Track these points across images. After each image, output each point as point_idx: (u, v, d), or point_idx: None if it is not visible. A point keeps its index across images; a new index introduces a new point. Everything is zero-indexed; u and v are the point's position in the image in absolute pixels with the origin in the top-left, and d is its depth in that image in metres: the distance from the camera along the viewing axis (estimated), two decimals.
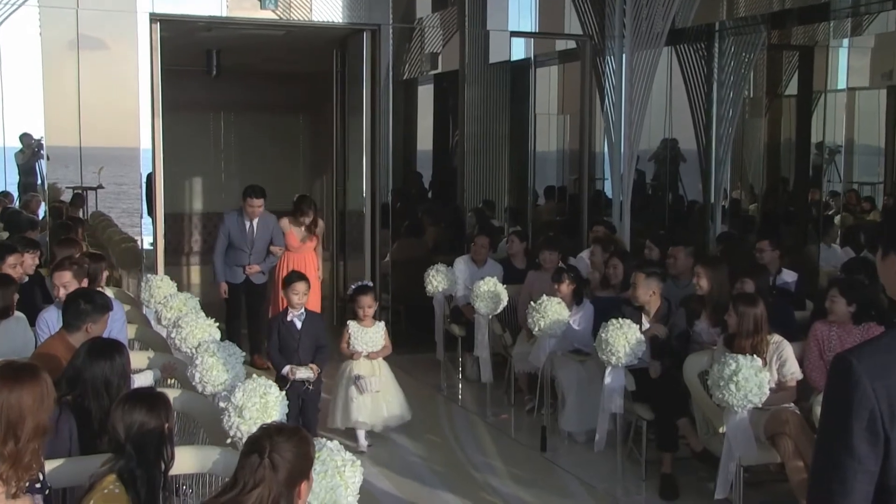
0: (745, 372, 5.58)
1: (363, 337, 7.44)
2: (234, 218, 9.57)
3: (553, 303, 7.30)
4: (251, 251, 9.53)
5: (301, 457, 3.23)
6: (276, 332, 7.20)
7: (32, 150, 10.57)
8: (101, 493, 3.62)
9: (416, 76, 12.58)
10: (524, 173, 12.26)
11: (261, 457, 3.13)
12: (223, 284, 9.57)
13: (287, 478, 3.15)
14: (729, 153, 11.45)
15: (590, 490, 6.58)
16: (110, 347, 4.58)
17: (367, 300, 7.52)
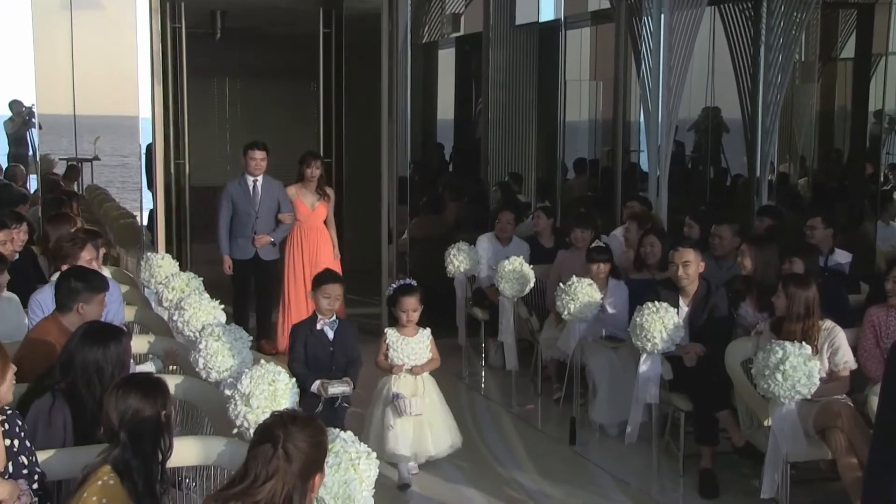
0: (793, 360, 5.56)
1: (405, 348, 6.63)
2: (235, 182, 9.39)
3: (584, 284, 7.28)
4: (257, 214, 9.30)
5: (316, 447, 3.25)
6: (303, 343, 6.42)
7: (23, 118, 10.63)
8: (96, 485, 3.65)
9: (437, 39, 12.59)
10: (553, 145, 12.25)
11: (274, 447, 3.15)
12: (227, 258, 9.36)
13: (302, 469, 3.17)
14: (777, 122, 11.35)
15: (622, 487, 6.59)
16: (106, 333, 4.58)
17: (412, 302, 6.68)
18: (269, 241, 9.37)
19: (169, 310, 6.87)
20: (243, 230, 9.32)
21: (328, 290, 6.45)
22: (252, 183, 9.28)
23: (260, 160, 9.23)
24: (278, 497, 3.10)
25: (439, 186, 12.06)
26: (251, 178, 9.26)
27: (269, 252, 9.48)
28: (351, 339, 6.57)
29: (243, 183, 9.29)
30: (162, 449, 3.83)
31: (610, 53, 12.01)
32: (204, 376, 5.51)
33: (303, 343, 6.41)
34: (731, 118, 12.01)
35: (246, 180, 9.28)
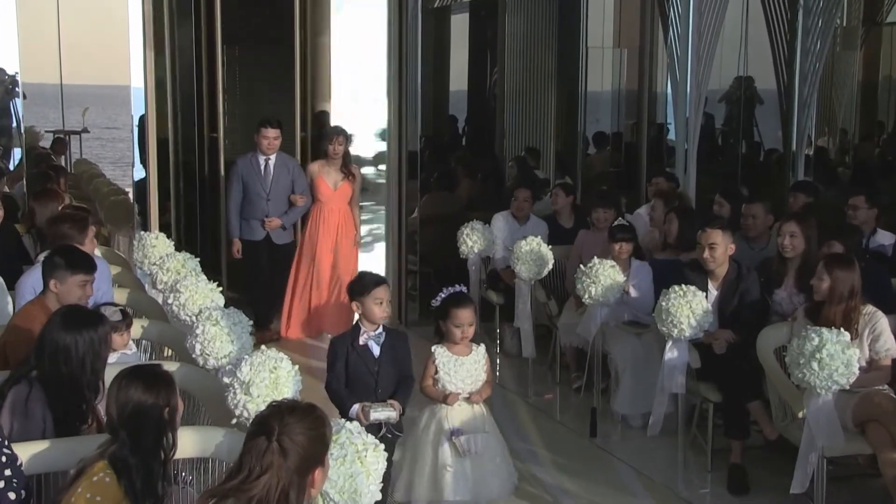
0: (830, 348, 5.55)
1: (459, 370, 5.71)
2: (246, 160, 9.31)
3: (606, 266, 7.28)
4: (269, 195, 9.23)
5: (315, 440, 3.22)
6: (344, 360, 5.58)
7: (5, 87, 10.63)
8: (90, 482, 3.66)
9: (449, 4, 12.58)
10: (573, 117, 12.24)
11: (269, 440, 3.13)
12: (236, 241, 9.33)
13: (299, 464, 3.15)
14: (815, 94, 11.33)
15: (646, 482, 6.61)
16: (81, 318, 4.56)
17: (468, 315, 5.69)
18: (279, 226, 9.30)
19: (163, 293, 6.88)
20: (253, 211, 9.25)
21: (379, 293, 5.61)
22: (264, 162, 9.22)
23: (273, 139, 9.16)
24: (273, 492, 3.08)
25: (452, 162, 12.06)
26: (263, 157, 9.21)
27: (282, 235, 9.42)
28: (402, 354, 5.75)
29: (255, 161, 9.22)
30: (164, 447, 3.81)
31: (635, 19, 12.00)
32: (201, 363, 5.53)
33: (343, 361, 5.57)
34: (765, 89, 12.00)
35: (257, 158, 9.22)
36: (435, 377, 5.71)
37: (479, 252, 9.03)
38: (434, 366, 5.71)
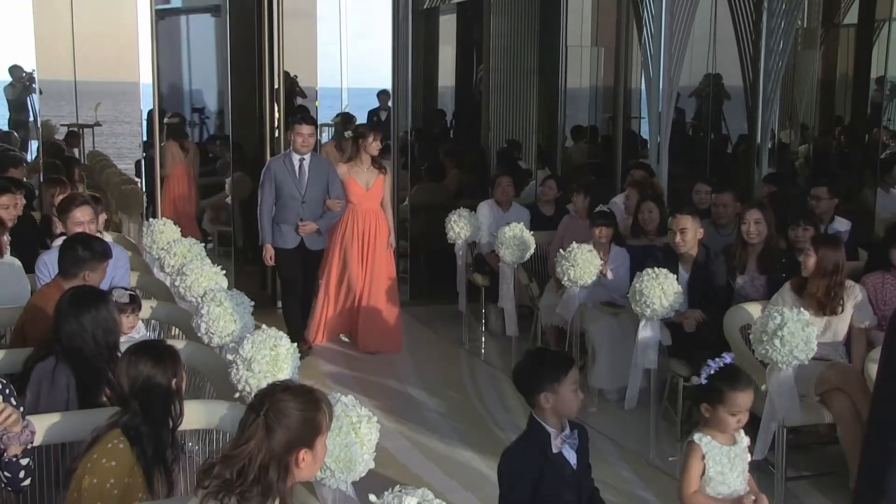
0: (790, 326, 5.57)
1: (735, 467, 4.27)
2: (279, 160, 8.35)
3: (584, 250, 7.29)
4: (303, 197, 8.19)
5: (305, 422, 3.14)
6: (532, 476, 4.07)
7: (23, 84, 10.60)
8: (105, 448, 3.68)
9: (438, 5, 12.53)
10: (554, 111, 12.22)
11: (256, 414, 3.09)
12: (269, 247, 8.33)
13: (283, 441, 3.08)
14: (778, 90, 11.33)
15: (622, 451, 6.64)
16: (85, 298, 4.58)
17: (747, 399, 4.24)
18: (314, 230, 8.29)
19: (171, 275, 6.88)
20: (286, 215, 8.25)
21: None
22: (298, 162, 8.21)
23: (308, 136, 8.17)
24: (254, 464, 3.03)
25: (440, 153, 12.04)
26: (297, 156, 8.21)
27: (317, 241, 8.43)
28: (587, 454, 4.32)
29: (288, 162, 8.23)
30: (172, 416, 3.84)
31: (611, 19, 11.98)
32: (206, 341, 5.53)
33: (532, 477, 4.05)
34: (732, 85, 11.97)
35: (291, 158, 8.23)
36: (703, 475, 4.19)
37: (466, 238, 9.02)
38: (702, 463, 4.17)
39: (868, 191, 10.11)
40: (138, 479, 3.69)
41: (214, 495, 3.04)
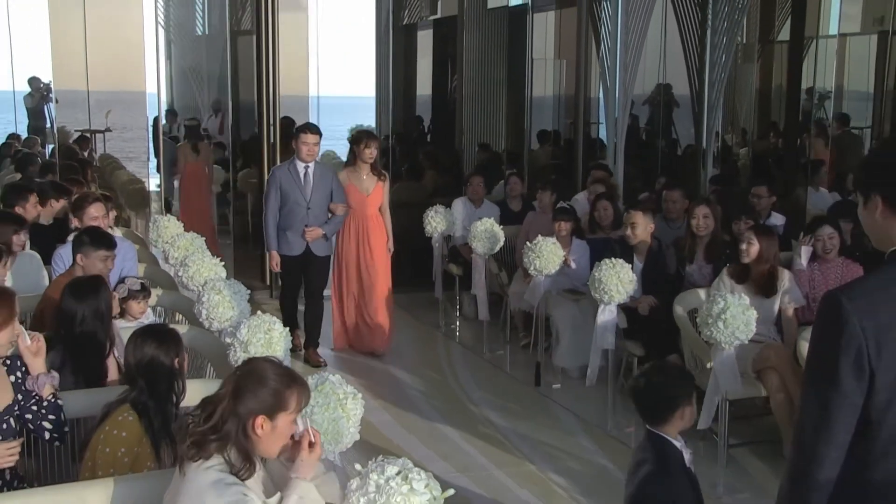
0: (732, 310, 5.60)
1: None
2: (283, 169, 7.73)
3: (548, 243, 7.30)
4: (309, 203, 7.59)
5: (270, 393, 3.03)
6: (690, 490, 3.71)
7: (41, 93, 10.56)
8: (116, 421, 3.70)
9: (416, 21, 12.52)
10: (521, 117, 12.23)
11: (233, 375, 3.08)
12: (275, 254, 7.73)
13: (247, 402, 2.99)
14: (721, 98, 11.37)
15: (582, 423, 6.64)
16: (83, 286, 4.55)
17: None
18: (320, 235, 7.70)
19: (175, 266, 6.87)
20: (292, 222, 7.63)
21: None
22: (303, 169, 7.60)
23: (313, 145, 7.54)
24: (216, 415, 2.96)
25: (419, 155, 12.02)
26: (302, 164, 7.60)
27: (322, 247, 7.80)
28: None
29: (293, 169, 7.61)
30: (175, 392, 3.84)
31: (572, 35, 11.97)
32: (207, 326, 5.51)
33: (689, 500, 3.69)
34: (680, 94, 12.00)
35: (296, 166, 7.61)
36: None
37: (442, 231, 9.01)
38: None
39: (800, 189, 10.17)
40: (147, 448, 3.70)
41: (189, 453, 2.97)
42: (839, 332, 2.43)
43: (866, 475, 2.49)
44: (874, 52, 10.18)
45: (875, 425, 2.45)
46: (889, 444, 2.46)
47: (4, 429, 3.68)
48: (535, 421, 6.67)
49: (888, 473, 2.47)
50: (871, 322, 2.41)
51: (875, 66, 10.16)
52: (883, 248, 2.55)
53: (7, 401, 3.72)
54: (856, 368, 2.41)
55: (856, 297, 2.46)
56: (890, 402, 2.43)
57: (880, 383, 2.41)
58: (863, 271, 6.34)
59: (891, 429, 2.44)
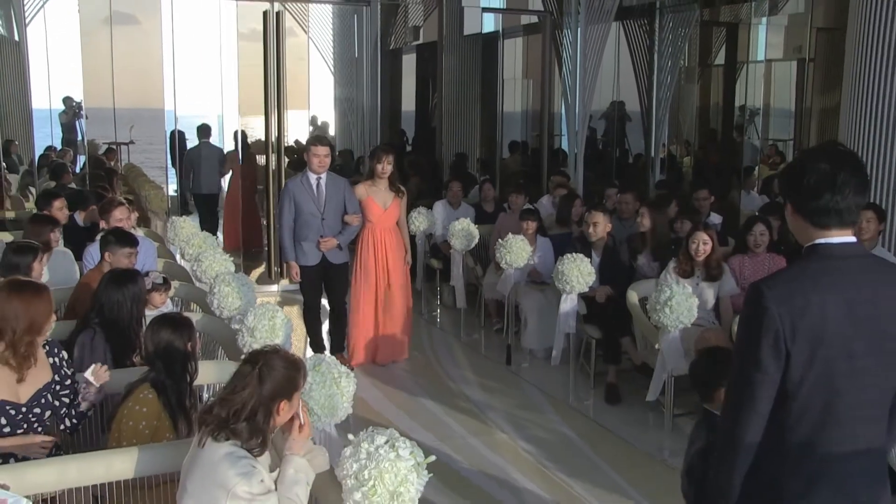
0: (677, 298, 5.63)
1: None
2: (296, 181, 6.95)
3: (517, 240, 7.29)
4: (323, 214, 6.86)
5: (286, 379, 3.10)
6: None
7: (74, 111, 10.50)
8: (137, 398, 3.68)
9: (401, 46, 12.48)
10: (493, 130, 12.23)
11: (252, 367, 3.07)
12: (293, 264, 6.93)
13: (270, 392, 3.06)
14: (667, 114, 11.44)
15: (547, 397, 6.64)
16: (123, 277, 4.51)
17: None
18: (335, 245, 6.95)
19: (190, 262, 6.84)
20: (308, 233, 6.89)
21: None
22: (315, 181, 6.88)
23: (324, 157, 6.84)
24: (247, 408, 3.02)
25: (403, 163, 11.98)
26: (314, 175, 6.88)
27: (338, 255, 7.04)
28: None
29: (306, 181, 6.88)
30: (189, 372, 3.81)
31: (538, 58, 11.97)
32: (218, 314, 5.49)
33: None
34: (632, 110, 12.06)
35: (309, 178, 6.88)
36: None
37: (424, 230, 8.99)
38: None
39: (734, 192, 10.21)
40: (165, 422, 3.68)
41: (212, 432, 3.02)
42: (760, 318, 2.48)
43: (785, 439, 2.54)
44: (794, 76, 10.26)
45: (791, 398, 2.50)
46: (802, 414, 2.51)
47: (43, 403, 3.66)
48: (507, 396, 6.65)
49: (802, 437, 2.53)
50: (786, 308, 2.45)
51: (795, 88, 10.24)
52: (803, 244, 2.59)
53: (46, 378, 3.71)
54: (774, 349, 2.46)
55: (774, 287, 2.51)
56: (803, 378, 2.48)
57: (795, 362, 2.46)
58: (786, 264, 6.35)
59: (803, 400, 2.50)
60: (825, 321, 2.45)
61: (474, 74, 11.80)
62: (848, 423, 2.50)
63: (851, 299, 2.47)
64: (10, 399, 3.54)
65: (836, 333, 2.45)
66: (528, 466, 5.37)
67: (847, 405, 2.49)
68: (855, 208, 2.50)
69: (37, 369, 3.66)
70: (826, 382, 2.48)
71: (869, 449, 2.53)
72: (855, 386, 2.48)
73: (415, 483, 2.96)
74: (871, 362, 2.48)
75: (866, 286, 2.49)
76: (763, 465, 2.57)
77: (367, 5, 11.04)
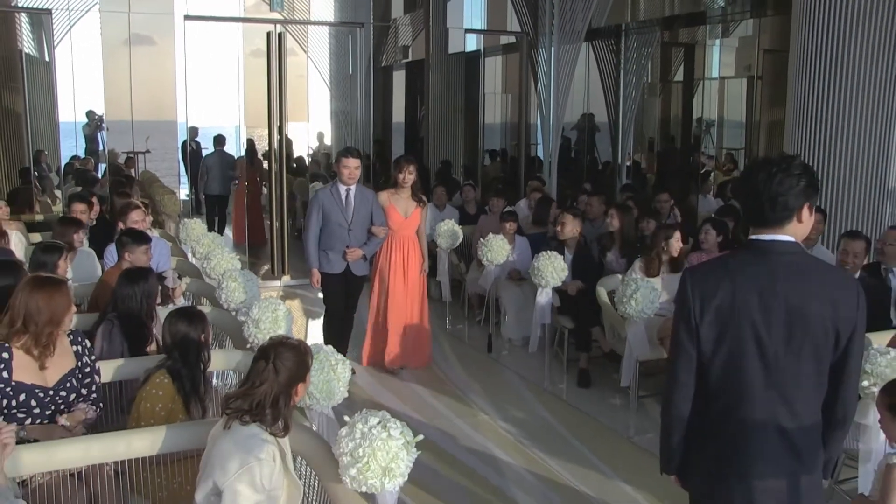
0: (642, 291, 5.64)
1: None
2: (325, 191, 6.41)
3: (497, 240, 7.29)
4: (350, 225, 6.32)
5: (299, 364, 3.16)
6: None
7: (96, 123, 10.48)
8: (155, 382, 3.69)
9: (392, 64, 12.45)
10: (475, 140, 12.21)
11: (267, 362, 3.10)
12: (315, 271, 6.40)
13: (286, 379, 3.10)
14: (632, 125, 11.48)
15: (525, 381, 6.64)
16: (135, 274, 4.48)
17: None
18: (360, 256, 6.41)
19: (200, 260, 6.81)
20: (334, 242, 6.35)
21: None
22: (345, 192, 6.34)
23: (354, 168, 6.28)
24: (269, 398, 3.06)
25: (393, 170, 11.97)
26: (344, 187, 6.33)
27: (361, 267, 6.49)
28: None
29: (335, 192, 6.34)
30: (203, 361, 3.81)
31: (516, 74, 11.99)
32: (225, 307, 5.47)
33: None
34: (601, 121, 12.08)
35: (338, 189, 6.34)
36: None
37: None
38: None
39: (692, 196, 10.25)
40: (179, 405, 3.69)
41: (235, 417, 3.05)
42: (681, 297, 2.60)
43: (708, 408, 2.62)
44: (745, 92, 10.32)
45: (706, 371, 2.59)
46: (718, 386, 2.58)
47: (68, 387, 3.65)
48: (488, 380, 6.65)
49: (721, 406, 2.59)
50: (699, 289, 2.56)
51: (745, 102, 10.30)
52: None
53: (70, 365, 3.69)
54: (687, 325, 2.58)
55: (695, 272, 2.64)
56: (714, 353, 2.56)
57: (704, 337, 2.56)
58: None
59: (717, 373, 2.57)
60: (733, 305, 2.51)
61: (458, 89, 11.78)
62: (762, 402, 2.54)
63: (764, 289, 2.50)
64: (38, 383, 3.54)
65: (745, 318, 2.51)
66: (507, 444, 5.37)
67: (761, 385, 2.53)
68: (784, 210, 2.52)
69: (61, 357, 3.66)
70: (737, 362, 2.53)
71: (784, 428, 2.54)
72: (767, 369, 2.52)
73: (405, 459, 2.97)
74: (781, 350, 2.51)
75: (784, 280, 2.51)
76: (699, 433, 2.64)
77: (360, 27, 11.02)
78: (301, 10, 10.77)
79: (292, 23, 10.78)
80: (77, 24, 9.49)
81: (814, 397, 2.56)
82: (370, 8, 11.02)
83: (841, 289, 2.52)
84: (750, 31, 10.14)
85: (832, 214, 6.66)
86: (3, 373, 3.48)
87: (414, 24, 11.96)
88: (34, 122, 9.59)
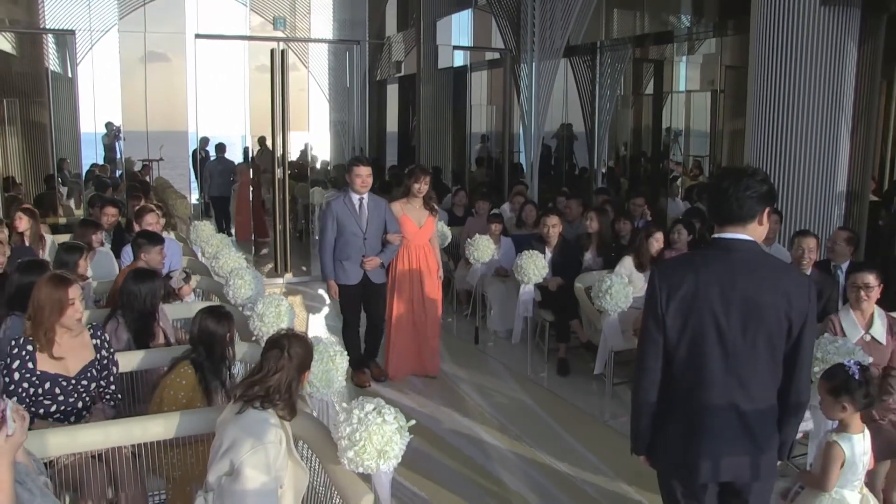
0: (616, 286, 5.65)
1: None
2: (339, 201, 5.90)
3: (483, 240, 7.29)
4: (365, 234, 5.85)
5: (306, 354, 3.21)
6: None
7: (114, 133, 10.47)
8: (179, 371, 3.68)
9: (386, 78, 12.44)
10: (463, 147, 12.22)
11: (282, 351, 3.12)
12: (333, 284, 5.92)
13: (298, 366, 3.15)
14: (607, 134, 11.49)
15: (509, 370, 6.63)
16: (142, 274, 4.45)
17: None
18: (378, 264, 5.95)
19: (209, 259, 6.78)
20: (349, 252, 5.87)
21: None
22: (358, 201, 5.86)
23: (366, 177, 5.81)
24: (283, 384, 3.09)
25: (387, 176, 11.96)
26: (357, 196, 5.85)
27: (379, 274, 6.04)
28: None
29: (349, 201, 5.85)
30: (227, 357, 3.77)
31: (500, 88, 11.99)
32: (233, 302, 5.45)
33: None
34: (578, 131, 12.10)
35: (351, 198, 5.85)
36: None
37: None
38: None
39: (662, 199, 10.28)
40: (199, 394, 3.67)
41: (250, 402, 3.05)
42: (650, 291, 2.63)
43: (673, 392, 2.65)
44: (709, 104, 10.37)
45: (672, 357, 2.62)
46: (682, 371, 2.61)
47: (89, 377, 3.65)
48: (475, 369, 6.64)
49: (685, 390, 2.62)
50: (665, 282, 2.59)
51: (710, 114, 10.35)
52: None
53: (90, 357, 3.69)
54: (654, 315, 2.60)
55: (664, 267, 2.67)
56: (678, 341, 2.58)
57: (669, 327, 2.58)
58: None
59: (681, 359, 2.60)
60: (696, 296, 2.55)
61: (447, 101, 11.79)
62: (722, 386, 2.57)
63: (724, 282, 2.54)
64: (61, 373, 3.55)
65: (706, 308, 2.54)
66: (492, 427, 5.37)
67: (720, 371, 2.56)
68: (741, 211, 2.56)
69: (82, 349, 3.66)
70: (698, 349, 2.56)
71: (742, 410, 2.58)
72: (726, 355, 2.55)
73: (398, 443, 2.97)
74: (739, 338, 2.54)
75: (743, 274, 2.55)
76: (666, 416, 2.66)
77: (357, 44, 11.02)
78: (302, 29, 10.77)
79: (294, 41, 10.76)
80: (98, 43, 9.54)
81: (769, 382, 2.59)
82: (366, 27, 11.03)
83: (794, 283, 2.56)
84: (713, 49, 10.18)
85: (787, 216, 6.71)
86: (29, 363, 3.49)
87: (406, 42, 11.96)
88: (58, 133, 9.58)
